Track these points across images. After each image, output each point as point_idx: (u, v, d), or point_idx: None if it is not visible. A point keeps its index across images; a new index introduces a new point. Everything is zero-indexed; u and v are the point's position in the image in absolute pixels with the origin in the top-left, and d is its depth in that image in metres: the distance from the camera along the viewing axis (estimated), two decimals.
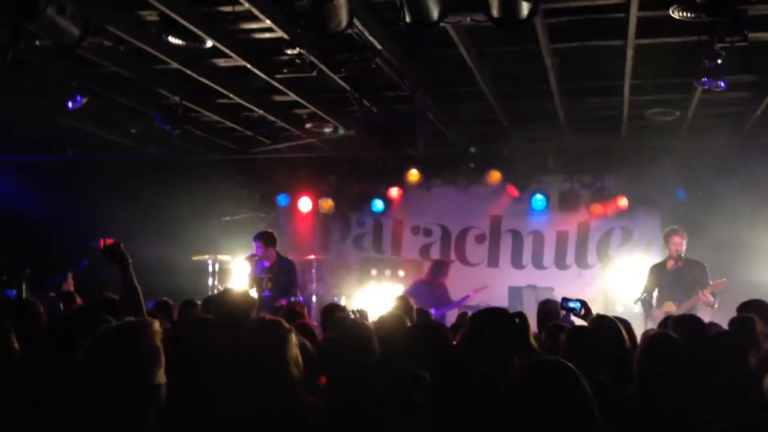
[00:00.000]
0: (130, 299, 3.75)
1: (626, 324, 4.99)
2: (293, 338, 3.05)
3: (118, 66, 7.90)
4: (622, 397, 3.17)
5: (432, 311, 8.97)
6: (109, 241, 12.09)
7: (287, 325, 3.10)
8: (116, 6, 6.45)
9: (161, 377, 2.36)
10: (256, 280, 9.02)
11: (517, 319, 3.34)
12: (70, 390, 2.34)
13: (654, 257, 11.08)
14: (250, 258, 9.19)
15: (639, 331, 5.25)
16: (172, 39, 6.85)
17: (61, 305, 5.85)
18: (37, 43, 6.51)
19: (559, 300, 5.74)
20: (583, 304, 5.39)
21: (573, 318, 5.90)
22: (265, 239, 9.13)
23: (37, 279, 7.59)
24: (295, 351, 3.01)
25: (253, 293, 8.42)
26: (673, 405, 3.10)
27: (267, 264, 9.11)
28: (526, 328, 3.56)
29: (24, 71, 8.18)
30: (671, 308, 7.85)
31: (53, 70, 8.09)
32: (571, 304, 5.44)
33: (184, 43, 6.94)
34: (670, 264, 8.38)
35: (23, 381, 2.88)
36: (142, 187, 11.31)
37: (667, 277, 8.30)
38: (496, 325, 3.25)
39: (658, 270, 8.51)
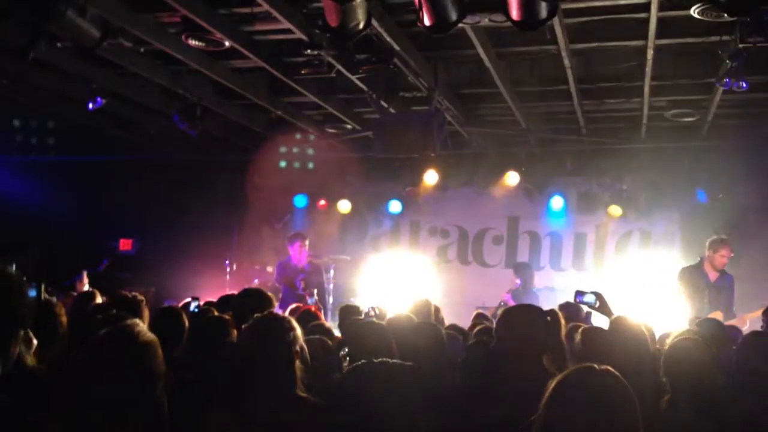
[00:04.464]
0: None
1: (646, 327, 4.93)
2: (297, 335, 3.03)
3: (138, 67, 7.96)
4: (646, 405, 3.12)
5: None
6: (128, 241, 12.12)
7: (292, 322, 3.09)
8: (135, 8, 6.48)
9: (160, 368, 2.52)
10: (290, 282, 9.29)
11: (549, 317, 3.27)
12: (82, 386, 2.46)
13: (674, 259, 10.99)
14: (287, 263, 9.55)
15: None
16: (191, 40, 6.89)
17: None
18: (59, 44, 6.57)
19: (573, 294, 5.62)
20: (598, 296, 5.26)
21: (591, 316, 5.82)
22: (302, 240, 9.51)
23: (58, 279, 7.64)
24: (297, 348, 3.00)
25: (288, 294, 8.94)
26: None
27: (300, 265, 9.44)
28: (559, 327, 3.48)
29: (45, 72, 8.26)
30: (719, 318, 7.69)
31: (74, 71, 8.16)
32: (586, 298, 5.32)
33: (202, 44, 6.98)
34: (712, 275, 8.09)
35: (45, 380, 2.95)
36: (160, 187, 11.39)
37: (711, 289, 8.03)
38: (528, 324, 3.18)
39: (697, 277, 8.15)
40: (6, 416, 1.94)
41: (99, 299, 5.81)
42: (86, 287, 7.97)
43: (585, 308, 5.54)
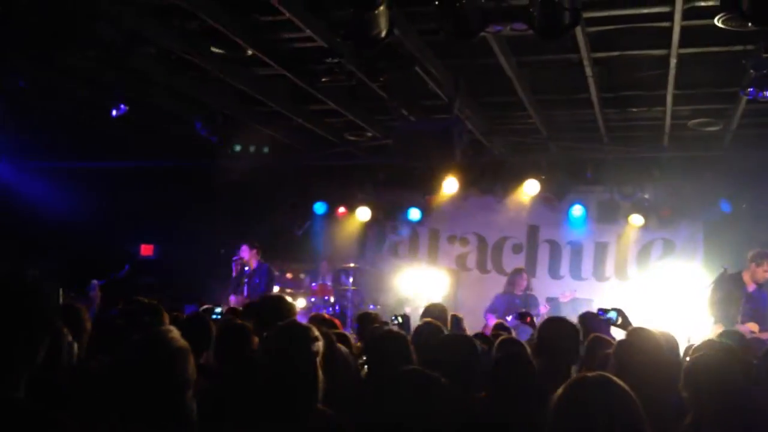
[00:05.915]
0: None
1: (669, 337, 4.88)
2: (320, 345, 3.01)
3: (161, 75, 8.03)
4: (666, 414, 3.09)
5: (507, 320, 8.99)
6: (149, 246, 12.24)
7: (315, 332, 3.06)
8: (161, 17, 6.56)
9: (191, 374, 2.55)
10: (234, 282, 9.82)
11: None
12: (112, 391, 2.49)
13: (696, 269, 10.88)
14: (237, 261, 9.91)
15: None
16: (214, 49, 6.95)
17: None
18: (85, 52, 6.65)
19: (596, 311, 5.65)
20: (620, 312, 5.28)
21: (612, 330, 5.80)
22: (254, 246, 9.95)
23: (80, 284, 7.73)
24: (318, 359, 2.98)
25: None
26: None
27: (248, 269, 9.86)
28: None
29: (70, 79, 8.36)
30: (755, 329, 7.58)
31: (98, 78, 8.25)
32: (608, 316, 5.34)
33: (225, 52, 7.04)
34: (750, 286, 8.00)
35: (75, 381, 2.98)
36: (182, 193, 11.46)
37: (747, 299, 7.91)
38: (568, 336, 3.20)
39: (735, 286, 8.05)
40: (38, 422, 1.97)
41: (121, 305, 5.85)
42: (98, 298, 8.05)
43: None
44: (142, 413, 2.36)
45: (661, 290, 10.74)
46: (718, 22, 6.01)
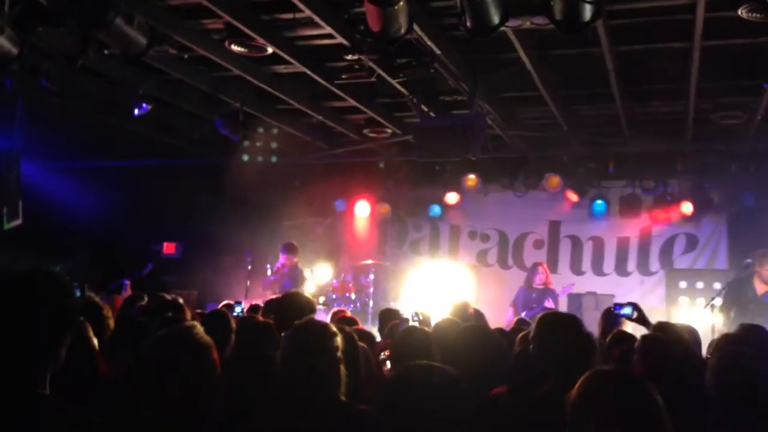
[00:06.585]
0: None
1: (693, 332, 4.84)
2: (339, 342, 3.02)
3: (182, 73, 8.08)
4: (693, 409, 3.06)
5: (523, 315, 8.97)
6: (172, 244, 12.35)
7: (334, 329, 3.07)
8: (181, 15, 6.60)
9: (214, 370, 2.57)
10: (269, 283, 9.94)
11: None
12: (135, 386, 2.52)
13: (720, 265, 10.77)
14: (279, 269, 9.98)
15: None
16: (233, 47, 6.98)
17: None
18: (106, 51, 6.70)
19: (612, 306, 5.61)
20: (635, 307, 5.25)
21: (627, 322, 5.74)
22: (290, 250, 9.96)
23: (104, 281, 7.81)
24: (337, 354, 2.98)
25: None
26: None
27: (285, 270, 9.92)
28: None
29: (92, 78, 8.44)
30: None
31: (120, 77, 8.32)
32: (623, 311, 5.30)
33: (245, 50, 7.07)
34: (760, 288, 7.82)
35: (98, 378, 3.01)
36: (204, 191, 11.53)
37: (756, 302, 7.74)
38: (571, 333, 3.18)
39: (743, 290, 7.89)
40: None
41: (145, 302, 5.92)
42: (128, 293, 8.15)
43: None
44: (164, 409, 2.38)
45: (681, 285, 10.65)
46: (741, 13, 5.93)
